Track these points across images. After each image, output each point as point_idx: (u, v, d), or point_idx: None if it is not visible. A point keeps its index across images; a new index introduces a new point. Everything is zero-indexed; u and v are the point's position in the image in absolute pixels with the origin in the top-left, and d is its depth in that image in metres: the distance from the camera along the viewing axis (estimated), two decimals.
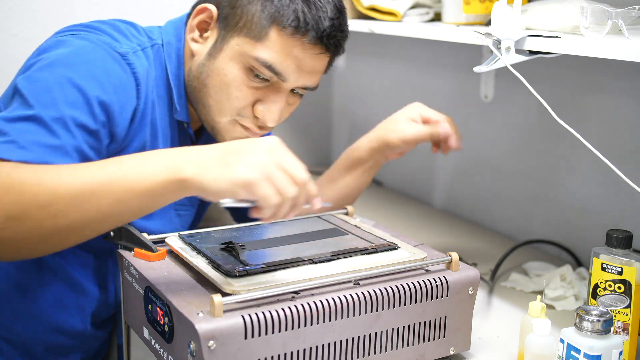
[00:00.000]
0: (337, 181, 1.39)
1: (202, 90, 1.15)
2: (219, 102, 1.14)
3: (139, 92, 1.11)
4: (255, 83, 1.13)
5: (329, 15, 1.11)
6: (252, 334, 0.88)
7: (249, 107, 1.15)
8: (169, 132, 1.19)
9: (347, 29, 1.17)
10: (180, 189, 0.90)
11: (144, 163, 0.91)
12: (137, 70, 1.10)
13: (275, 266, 0.98)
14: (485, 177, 1.73)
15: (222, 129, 1.17)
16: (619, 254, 1.02)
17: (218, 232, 1.13)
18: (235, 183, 0.87)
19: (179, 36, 1.20)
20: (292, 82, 1.14)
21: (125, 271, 1.05)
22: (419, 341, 1.01)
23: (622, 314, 1.03)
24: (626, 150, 1.38)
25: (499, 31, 1.15)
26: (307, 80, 1.15)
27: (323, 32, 1.11)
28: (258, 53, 1.10)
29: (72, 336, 1.20)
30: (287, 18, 1.09)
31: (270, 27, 1.10)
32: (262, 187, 0.87)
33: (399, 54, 1.96)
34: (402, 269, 1.02)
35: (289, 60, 1.11)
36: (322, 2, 1.11)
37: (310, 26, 1.10)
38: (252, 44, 1.11)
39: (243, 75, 1.12)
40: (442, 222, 1.75)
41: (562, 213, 1.55)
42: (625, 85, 1.39)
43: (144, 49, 1.15)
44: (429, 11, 1.50)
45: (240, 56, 1.11)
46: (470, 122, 1.75)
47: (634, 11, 1.05)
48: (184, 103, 1.19)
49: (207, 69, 1.14)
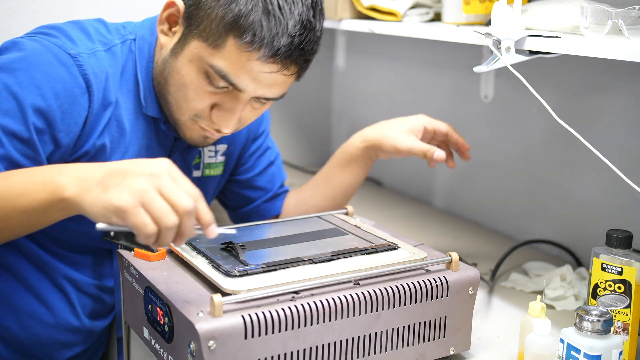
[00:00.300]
0: (332, 179, 1.39)
1: (164, 86, 1.14)
2: (177, 101, 1.13)
3: (91, 94, 1.09)
4: (213, 88, 1.09)
5: (288, 32, 1.05)
6: (252, 334, 0.88)
7: (206, 109, 1.12)
8: (141, 128, 1.17)
9: (310, 46, 1.09)
10: (64, 209, 0.90)
11: (28, 181, 0.91)
12: (87, 72, 1.08)
13: (275, 266, 0.98)
14: (486, 177, 1.73)
15: (182, 125, 1.16)
16: (619, 254, 1.02)
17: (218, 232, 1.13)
18: (107, 209, 0.84)
19: (153, 30, 1.18)
20: (249, 93, 1.10)
21: (125, 271, 1.05)
22: (419, 341, 1.01)
23: (622, 314, 1.03)
24: (626, 150, 1.38)
25: (499, 31, 1.15)
26: (266, 92, 1.10)
27: (278, 51, 1.05)
28: (214, 61, 1.07)
29: (69, 331, 1.21)
30: (243, 30, 1.04)
31: (227, 37, 1.05)
32: (134, 216, 0.83)
33: (399, 54, 1.96)
34: (402, 269, 1.02)
35: (244, 73, 1.07)
36: (285, 15, 1.05)
37: (265, 42, 1.04)
38: (209, 51, 1.07)
39: (201, 79, 1.09)
40: (442, 222, 1.75)
41: (562, 213, 1.55)
42: (625, 85, 1.39)
43: (110, 48, 1.13)
44: (429, 11, 1.50)
45: (198, 60, 1.08)
46: (470, 122, 1.75)
47: (634, 11, 1.05)
48: (153, 98, 1.17)
49: (169, 66, 1.12)
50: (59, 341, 1.21)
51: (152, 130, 1.19)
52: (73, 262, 1.20)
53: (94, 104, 1.09)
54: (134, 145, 1.16)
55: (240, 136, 1.37)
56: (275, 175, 1.44)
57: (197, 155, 1.30)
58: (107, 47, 1.13)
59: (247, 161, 1.41)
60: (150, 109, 1.17)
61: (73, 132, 1.08)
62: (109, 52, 1.13)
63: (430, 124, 1.34)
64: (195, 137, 1.17)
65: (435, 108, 1.86)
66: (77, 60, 1.08)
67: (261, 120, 1.41)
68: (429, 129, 1.34)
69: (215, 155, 1.33)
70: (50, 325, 1.19)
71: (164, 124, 1.19)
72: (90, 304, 1.23)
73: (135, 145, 1.16)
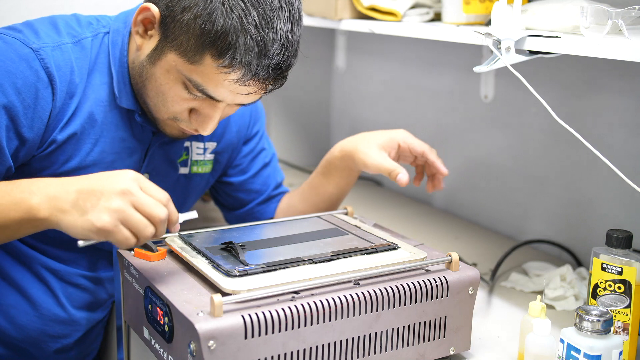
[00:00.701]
0: (317, 187, 1.38)
1: (142, 89, 1.14)
2: (156, 104, 1.14)
3: (54, 87, 1.09)
4: (191, 95, 1.09)
5: (267, 54, 1.03)
6: (252, 334, 0.88)
7: (184, 112, 1.13)
8: (114, 120, 1.17)
9: (288, 62, 1.08)
10: (39, 226, 0.96)
11: (3, 197, 0.95)
12: (49, 65, 1.08)
13: (275, 266, 0.98)
14: (485, 177, 1.73)
15: (161, 123, 1.17)
16: (619, 254, 1.02)
17: (218, 232, 1.13)
18: (89, 230, 0.91)
19: (127, 23, 1.18)
20: (226, 102, 1.10)
21: (125, 271, 1.05)
22: (419, 341, 1.01)
23: (622, 314, 1.03)
24: (626, 150, 1.38)
25: (499, 31, 1.15)
26: (243, 100, 1.10)
27: (255, 74, 1.04)
28: (192, 76, 1.06)
29: (54, 321, 1.21)
30: (221, 51, 1.02)
31: (204, 55, 1.03)
32: (116, 234, 0.91)
33: (399, 54, 1.96)
34: (402, 269, 1.02)
35: (221, 88, 1.06)
36: (264, 35, 1.03)
37: (242, 65, 1.03)
38: (186, 66, 1.06)
39: (179, 87, 1.09)
40: (442, 222, 1.75)
41: (562, 213, 1.55)
42: (625, 85, 1.39)
43: (79, 41, 1.14)
44: (429, 11, 1.50)
45: (176, 72, 1.08)
46: (470, 122, 1.75)
47: (634, 11, 1.05)
48: (128, 90, 1.16)
49: (147, 72, 1.12)
50: (46, 333, 1.22)
51: (126, 123, 1.18)
52: (53, 254, 1.21)
53: (57, 97, 1.10)
54: (106, 137, 1.16)
55: (230, 136, 1.36)
56: (270, 177, 1.44)
57: (185, 152, 1.30)
58: (76, 40, 1.14)
59: (240, 163, 1.41)
60: (124, 100, 1.16)
61: (37, 126, 1.09)
62: (78, 45, 1.13)
63: (405, 141, 1.30)
64: (175, 132, 1.19)
65: (435, 108, 1.87)
66: (39, 54, 1.08)
67: (254, 122, 1.41)
68: (403, 146, 1.30)
69: (203, 152, 1.33)
70: (34, 316, 1.20)
71: (139, 116, 1.18)
72: (76, 294, 1.23)
73: (107, 137, 1.16)
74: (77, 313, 1.23)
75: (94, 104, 1.14)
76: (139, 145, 1.21)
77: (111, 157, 1.17)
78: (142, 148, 1.21)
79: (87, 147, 1.15)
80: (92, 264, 1.23)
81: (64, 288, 1.22)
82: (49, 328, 1.21)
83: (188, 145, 1.30)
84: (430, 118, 1.88)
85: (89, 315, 1.25)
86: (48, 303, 1.21)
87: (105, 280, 1.25)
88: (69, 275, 1.22)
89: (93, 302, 1.25)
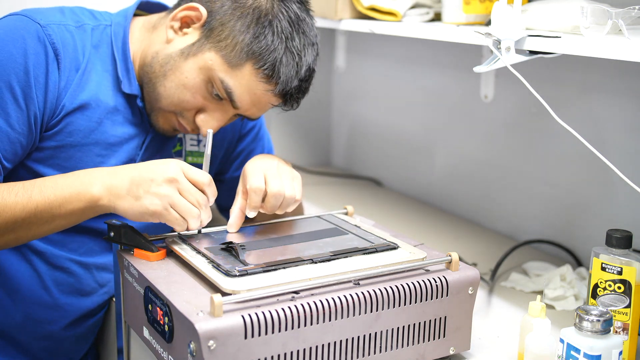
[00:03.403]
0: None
1: (159, 77, 1.20)
2: (169, 95, 1.19)
3: (59, 62, 1.15)
4: (210, 96, 1.18)
5: (299, 76, 1.17)
6: (252, 333, 0.88)
7: (192, 111, 1.20)
8: (117, 106, 1.22)
9: (308, 86, 1.22)
10: (98, 212, 1.08)
11: (63, 191, 1.06)
12: (55, 41, 1.15)
13: (275, 266, 0.98)
14: (485, 177, 1.73)
15: (158, 113, 1.22)
16: (619, 254, 1.02)
17: (218, 232, 1.13)
18: (145, 213, 1.04)
19: (126, 17, 1.26)
20: (241, 111, 1.20)
21: (125, 271, 1.05)
22: (419, 341, 1.01)
23: (622, 314, 1.03)
24: (626, 150, 1.38)
25: (499, 31, 1.15)
26: (254, 113, 1.21)
27: (288, 91, 1.18)
28: (226, 77, 1.16)
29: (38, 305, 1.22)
30: (265, 63, 1.14)
31: (247, 62, 1.15)
32: (167, 215, 1.04)
33: (399, 54, 1.96)
34: (402, 269, 1.02)
35: (248, 96, 1.17)
36: (302, 60, 1.17)
37: (281, 80, 1.16)
38: (224, 67, 1.16)
39: (202, 85, 1.17)
40: (442, 222, 1.75)
41: (562, 213, 1.55)
42: (625, 85, 1.39)
43: (81, 25, 1.21)
44: (429, 11, 1.50)
45: (209, 70, 1.16)
46: (470, 122, 1.75)
47: (634, 11, 1.05)
48: (132, 76, 1.22)
49: (174, 64, 1.18)
50: (32, 318, 1.22)
51: (128, 110, 1.23)
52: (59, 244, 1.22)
53: (62, 70, 1.16)
54: (108, 119, 1.21)
55: (225, 132, 1.38)
56: None
57: (178, 143, 1.33)
58: (79, 25, 1.21)
59: (236, 160, 1.42)
60: (127, 86, 1.22)
61: (50, 99, 1.15)
62: (80, 29, 1.20)
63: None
64: (167, 128, 1.24)
65: (435, 108, 1.87)
66: (46, 29, 1.15)
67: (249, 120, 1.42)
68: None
69: (197, 144, 1.36)
70: (18, 299, 1.21)
71: (141, 100, 1.23)
72: (62, 278, 1.23)
73: (110, 119, 1.21)
74: (63, 298, 1.24)
75: (97, 88, 1.19)
76: (139, 132, 1.25)
77: (112, 139, 1.21)
78: (141, 136, 1.25)
79: (92, 125, 1.19)
80: (82, 248, 1.24)
81: (50, 271, 1.22)
82: (33, 312, 1.22)
83: (181, 136, 1.33)
84: (430, 118, 1.88)
85: (76, 301, 1.25)
86: (32, 285, 1.21)
87: (93, 267, 1.25)
88: (55, 258, 1.22)
89: (80, 289, 1.25)
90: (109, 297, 1.28)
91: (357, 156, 2.16)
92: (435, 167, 1.88)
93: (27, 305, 1.22)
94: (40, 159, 1.18)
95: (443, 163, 1.86)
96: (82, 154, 1.19)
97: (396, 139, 1.98)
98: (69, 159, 1.18)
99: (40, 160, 1.18)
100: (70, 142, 1.18)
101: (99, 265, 1.25)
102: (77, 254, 1.24)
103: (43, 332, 1.23)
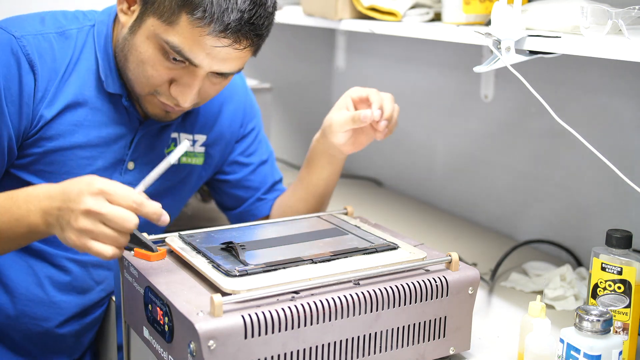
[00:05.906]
0: (303, 180, 1.38)
1: (125, 63, 1.19)
2: (137, 77, 1.17)
3: (36, 73, 1.15)
4: (170, 64, 1.14)
5: (237, 7, 1.09)
6: (252, 333, 0.88)
7: (165, 84, 1.17)
8: (101, 106, 1.21)
9: (260, 21, 1.13)
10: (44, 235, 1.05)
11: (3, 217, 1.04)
12: (31, 52, 1.14)
13: (275, 266, 0.98)
14: (485, 177, 1.74)
15: (143, 100, 1.21)
16: (619, 254, 1.02)
17: (218, 232, 1.13)
18: (73, 246, 0.98)
19: (110, 14, 1.24)
20: (205, 68, 1.14)
21: (125, 271, 1.05)
22: (419, 341, 1.01)
23: (622, 314, 1.03)
24: (626, 150, 1.38)
25: (499, 31, 1.15)
26: (221, 66, 1.14)
27: (228, 25, 1.09)
28: (169, 37, 1.11)
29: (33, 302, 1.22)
30: (195, 6, 1.08)
31: (180, 13, 1.10)
32: (90, 249, 0.96)
33: (399, 54, 1.96)
34: (402, 269, 1.02)
35: (198, 48, 1.11)
36: None
37: (215, 18, 1.09)
38: (164, 28, 1.11)
39: (159, 54, 1.14)
40: (442, 222, 1.75)
41: (562, 213, 1.55)
42: (625, 85, 1.39)
43: (64, 32, 1.19)
44: (429, 11, 1.50)
45: (155, 37, 1.13)
46: (470, 122, 1.75)
47: (634, 11, 1.05)
48: (115, 76, 1.21)
49: (128, 44, 1.17)
50: (27, 314, 1.22)
51: (113, 110, 1.23)
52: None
53: (39, 81, 1.15)
54: (91, 121, 1.20)
55: (221, 129, 1.37)
56: (267, 176, 1.44)
57: (173, 143, 1.32)
58: (61, 31, 1.19)
59: (236, 160, 1.42)
60: (111, 85, 1.21)
61: (25, 112, 1.14)
62: (62, 35, 1.19)
63: (356, 94, 1.29)
64: (157, 112, 1.22)
65: (435, 108, 1.87)
66: (20, 41, 1.14)
67: (249, 120, 1.42)
68: (355, 98, 1.29)
69: (193, 144, 1.34)
70: (13, 296, 1.21)
71: (126, 100, 1.22)
72: (59, 275, 1.23)
73: (93, 121, 1.20)
74: (58, 295, 1.24)
75: (79, 90, 1.19)
76: (126, 132, 1.24)
77: (96, 140, 1.21)
78: (129, 136, 1.24)
79: (72, 128, 1.18)
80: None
81: (45, 269, 1.22)
82: (28, 309, 1.22)
83: (176, 136, 1.32)
84: (430, 118, 1.88)
85: (71, 299, 1.25)
86: (27, 282, 1.21)
87: (89, 264, 1.25)
88: (51, 255, 1.22)
89: (77, 286, 1.25)
90: (106, 294, 1.28)
91: (357, 156, 2.15)
92: (435, 167, 1.88)
93: (22, 302, 1.22)
94: (23, 166, 1.17)
95: (443, 163, 1.86)
96: (65, 158, 1.18)
97: (396, 139, 1.98)
98: (52, 164, 1.18)
99: (22, 167, 1.18)
100: (52, 147, 1.17)
101: (95, 262, 1.25)
102: (73, 251, 1.23)
103: (38, 329, 1.23)
